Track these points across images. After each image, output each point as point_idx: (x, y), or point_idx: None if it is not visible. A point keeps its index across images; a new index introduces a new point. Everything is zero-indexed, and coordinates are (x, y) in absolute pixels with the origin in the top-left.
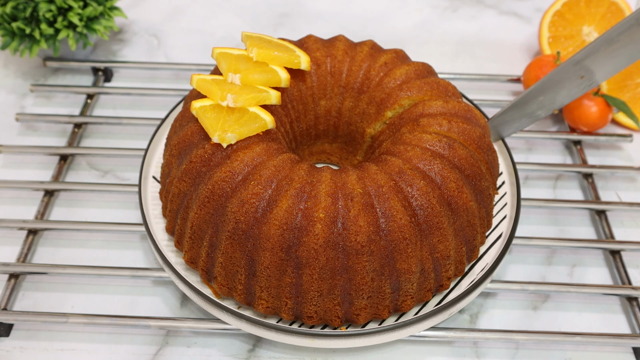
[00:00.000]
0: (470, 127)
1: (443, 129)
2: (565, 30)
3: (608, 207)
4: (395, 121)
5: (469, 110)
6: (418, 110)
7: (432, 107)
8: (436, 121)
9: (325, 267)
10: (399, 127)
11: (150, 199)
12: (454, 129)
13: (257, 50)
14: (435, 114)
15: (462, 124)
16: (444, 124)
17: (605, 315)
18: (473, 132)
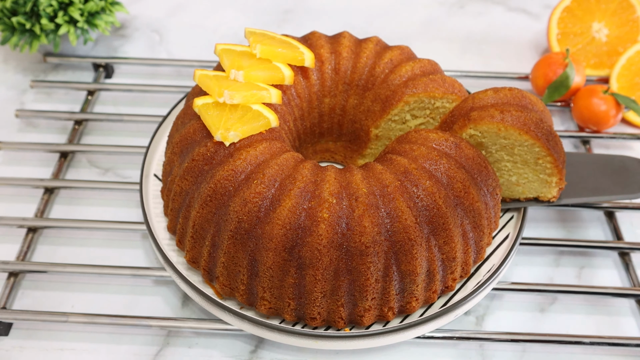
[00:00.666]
0: (526, 114)
1: (496, 119)
2: (575, 27)
3: (617, 208)
4: (447, 119)
5: (522, 97)
6: (468, 105)
7: (482, 99)
8: (488, 113)
9: (329, 267)
10: (450, 125)
11: (151, 197)
12: (508, 119)
13: (261, 47)
14: (486, 106)
15: (516, 112)
16: (496, 115)
17: (614, 318)
18: (529, 119)
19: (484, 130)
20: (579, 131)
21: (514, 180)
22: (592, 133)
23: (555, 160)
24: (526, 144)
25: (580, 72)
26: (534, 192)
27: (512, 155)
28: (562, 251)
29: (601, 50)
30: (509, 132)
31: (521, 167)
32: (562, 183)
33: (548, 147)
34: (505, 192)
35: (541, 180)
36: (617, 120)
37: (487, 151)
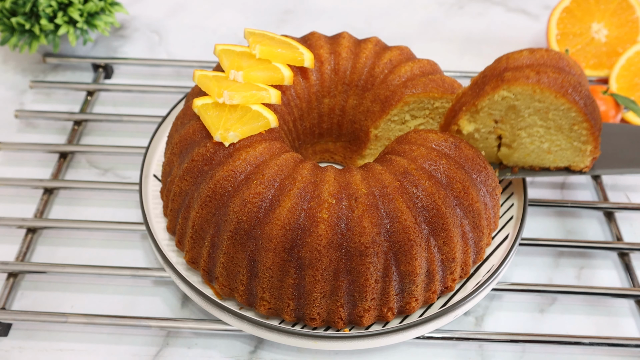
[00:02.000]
0: (563, 76)
1: (531, 80)
2: (574, 28)
3: (617, 208)
4: (478, 81)
5: (560, 59)
6: (501, 65)
7: (516, 59)
8: (523, 74)
9: (329, 268)
10: (482, 86)
11: (151, 197)
12: (544, 80)
13: (260, 47)
14: (521, 67)
15: (553, 74)
16: (532, 76)
17: (613, 319)
18: (567, 81)
19: (517, 92)
20: None
21: (545, 148)
22: None
23: (592, 127)
24: (562, 108)
25: None
26: (565, 161)
27: (545, 120)
28: (561, 251)
29: (600, 51)
30: (544, 94)
31: (554, 133)
32: (597, 152)
33: (585, 113)
34: (534, 159)
35: (574, 149)
36: (617, 121)
37: (518, 115)
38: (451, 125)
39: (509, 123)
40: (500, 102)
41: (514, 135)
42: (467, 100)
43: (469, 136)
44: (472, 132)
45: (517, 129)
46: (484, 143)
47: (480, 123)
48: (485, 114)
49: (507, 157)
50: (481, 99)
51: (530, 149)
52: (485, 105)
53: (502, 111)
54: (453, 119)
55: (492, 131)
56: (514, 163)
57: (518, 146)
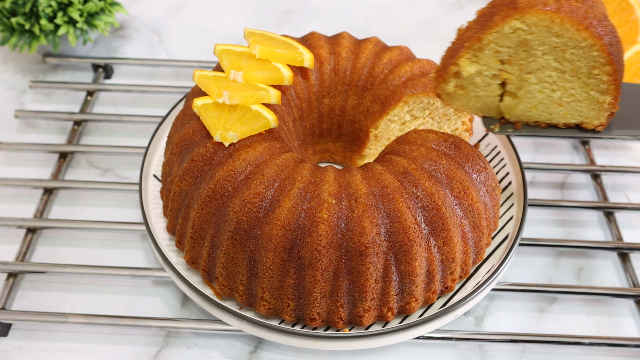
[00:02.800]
0: (588, 6)
1: (550, 7)
2: None
3: (617, 208)
4: (486, 11)
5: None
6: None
7: None
8: (540, 1)
9: (329, 268)
10: (489, 17)
11: (150, 197)
12: (565, 8)
13: (260, 47)
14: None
15: (576, 3)
16: (550, 3)
17: (613, 319)
18: (591, 13)
19: (532, 23)
20: None
21: (557, 98)
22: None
23: (615, 72)
24: (583, 44)
25: None
26: (578, 116)
27: (561, 61)
28: (561, 251)
29: None
30: (564, 26)
31: (570, 79)
32: (616, 106)
33: (609, 52)
34: (542, 113)
35: (591, 100)
36: None
37: (530, 54)
38: (449, 67)
39: (518, 64)
40: (510, 36)
41: (521, 80)
42: (470, 35)
43: (470, 80)
44: (474, 74)
45: (526, 72)
46: (486, 90)
47: (484, 63)
48: (490, 51)
49: (510, 109)
50: (488, 31)
51: (538, 98)
52: (493, 40)
53: (511, 48)
54: (452, 58)
55: (496, 75)
56: (517, 117)
57: (524, 95)
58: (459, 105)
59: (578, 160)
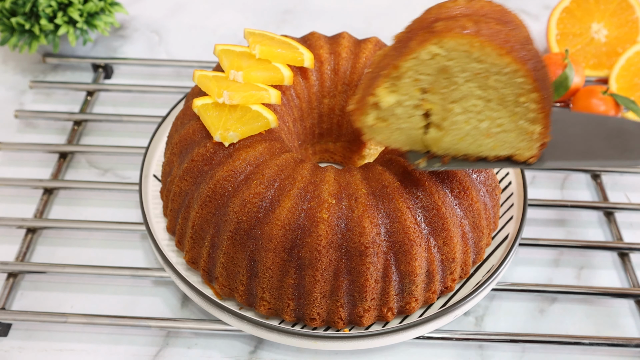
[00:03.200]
0: (509, 29)
1: (469, 31)
2: (574, 28)
3: (617, 209)
4: (402, 36)
5: (505, 12)
6: (431, 15)
7: (450, 8)
8: (458, 24)
9: (329, 268)
10: (406, 43)
11: (150, 197)
12: (485, 32)
13: (260, 47)
14: (456, 16)
15: (497, 26)
16: (469, 26)
17: (613, 319)
18: (513, 36)
19: (450, 48)
20: None
21: (484, 128)
22: None
23: (542, 99)
24: (506, 70)
25: (580, 72)
26: (508, 148)
27: (485, 88)
28: (561, 252)
29: (600, 51)
30: (485, 50)
31: (496, 107)
32: (547, 136)
33: (535, 78)
34: (470, 145)
35: (520, 130)
36: None
37: (452, 81)
38: (367, 97)
39: (440, 93)
40: (429, 63)
41: (445, 110)
42: (388, 63)
43: (390, 111)
44: (394, 105)
45: (449, 101)
46: (408, 122)
47: (404, 92)
48: (409, 79)
49: (436, 142)
50: (404, 58)
51: (465, 130)
52: (410, 67)
53: (431, 75)
54: (369, 88)
55: (418, 105)
56: (444, 151)
57: (450, 126)
58: (382, 138)
59: None
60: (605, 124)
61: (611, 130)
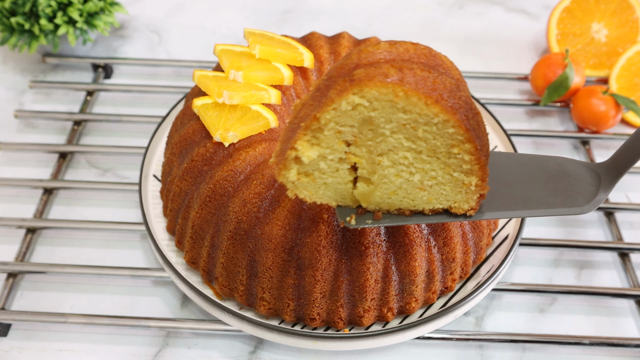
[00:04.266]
0: (436, 76)
1: (392, 79)
2: (574, 27)
3: (617, 208)
4: (321, 84)
5: (431, 55)
6: (351, 61)
7: (372, 53)
8: (380, 71)
9: (329, 268)
10: (325, 92)
11: (150, 197)
12: (409, 79)
13: (260, 47)
14: (378, 62)
15: (422, 72)
16: (392, 74)
17: (613, 319)
18: (441, 83)
19: (373, 98)
20: (579, 132)
21: (417, 182)
22: (591, 134)
23: (477, 150)
24: (435, 120)
25: (580, 72)
26: (444, 201)
27: (414, 140)
28: (561, 252)
29: (600, 51)
30: (410, 100)
31: (427, 159)
32: (485, 187)
33: (467, 128)
34: (403, 200)
35: (455, 182)
36: (617, 121)
37: (377, 133)
38: (287, 151)
39: (365, 145)
40: (351, 114)
41: (373, 163)
42: (307, 114)
43: (313, 166)
44: (316, 159)
45: (376, 154)
46: (334, 177)
47: (327, 146)
48: (331, 131)
49: (366, 197)
50: (324, 109)
51: (396, 183)
52: (331, 119)
53: (354, 127)
54: (289, 141)
55: (343, 159)
56: (375, 205)
57: (380, 180)
58: (308, 194)
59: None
60: (545, 166)
61: (552, 173)
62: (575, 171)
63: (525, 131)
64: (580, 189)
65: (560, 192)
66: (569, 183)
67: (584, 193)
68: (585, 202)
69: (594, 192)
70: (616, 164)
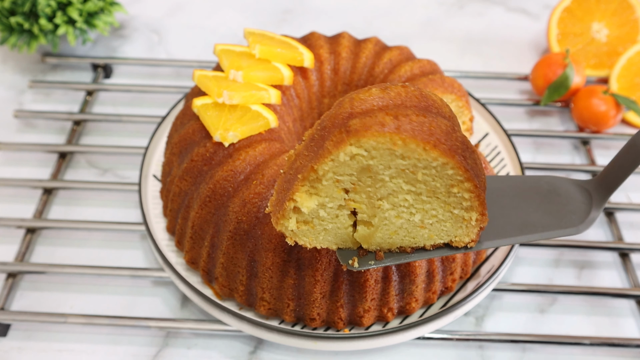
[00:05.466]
0: (431, 119)
1: (389, 128)
2: (575, 27)
3: (617, 209)
4: (315, 134)
5: (422, 97)
6: (344, 110)
7: (364, 100)
8: (375, 120)
9: (328, 268)
10: (321, 143)
11: (150, 198)
12: (406, 127)
13: (260, 47)
14: (372, 110)
15: (417, 117)
16: (388, 123)
17: (614, 319)
18: (437, 127)
19: (371, 147)
20: (579, 132)
21: (417, 221)
22: (592, 133)
23: (476, 188)
24: (435, 164)
25: (580, 72)
26: (445, 236)
27: (414, 183)
28: (562, 252)
29: (601, 51)
30: (409, 147)
31: (427, 199)
32: (484, 220)
33: (466, 168)
34: (404, 238)
35: (456, 218)
36: (617, 121)
37: (376, 180)
38: (285, 202)
39: (365, 192)
40: (349, 163)
41: (373, 208)
42: (303, 164)
43: (313, 214)
44: (316, 208)
45: (376, 199)
46: (334, 222)
47: (325, 195)
48: (330, 181)
49: (367, 239)
50: (322, 160)
51: (397, 224)
52: (329, 170)
53: (353, 175)
54: (287, 192)
55: (342, 205)
56: (377, 246)
57: (380, 223)
58: (308, 241)
59: (579, 160)
60: (537, 187)
61: (544, 194)
62: (566, 190)
63: (526, 131)
64: (573, 208)
65: (554, 212)
66: (561, 203)
67: (577, 212)
68: (579, 221)
69: (586, 211)
70: (606, 181)
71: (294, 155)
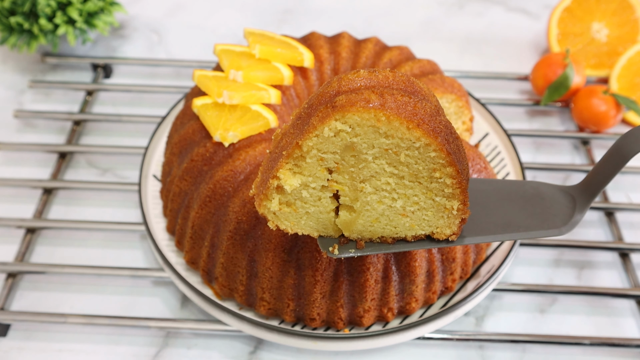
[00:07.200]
0: (416, 100)
1: (373, 104)
2: (575, 27)
3: (617, 209)
4: (302, 112)
5: (410, 82)
6: (332, 88)
7: (352, 80)
8: (362, 97)
9: (328, 268)
10: (306, 120)
11: (150, 198)
12: (391, 104)
13: (260, 47)
14: (359, 88)
15: (402, 97)
16: (373, 99)
17: (614, 319)
18: (421, 108)
19: (355, 123)
20: (579, 131)
21: (399, 207)
22: (592, 133)
23: (458, 174)
24: (417, 144)
25: (580, 72)
26: (426, 227)
27: (396, 165)
28: (562, 252)
29: (601, 51)
30: (392, 124)
31: (410, 184)
32: (466, 211)
33: (448, 151)
34: (385, 227)
35: (437, 207)
36: (617, 121)
37: (360, 159)
38: (269, 180)
39: (348, 172)
40: (333, 140)
41: (355, 190)
42: (289, 142)
43: (296, 195)
44: (299, 188)
45: (359, 180)
46: (317, 205)
47: (309, 174)
48: (314, 159)
49: (348, 226)
50: (306, 136)
51: (379, 210)
52: (313, 145)
53: (337, 153)
54: (271, 170)
55: (325, 186)
56: (358, 234)
57: (362, 208)
58: (289, 225)
59: (579, 160)
60: (521, 191)
61: (528, 197)
62: (550, 194)
63: (526, 131)
64: (557, 211)
65: (538, 214)
66: (545, 206)
67: (560, 215)
68: (562, 223)
69: (569, 214)
70: (589, 186)
71: (280, 135)
